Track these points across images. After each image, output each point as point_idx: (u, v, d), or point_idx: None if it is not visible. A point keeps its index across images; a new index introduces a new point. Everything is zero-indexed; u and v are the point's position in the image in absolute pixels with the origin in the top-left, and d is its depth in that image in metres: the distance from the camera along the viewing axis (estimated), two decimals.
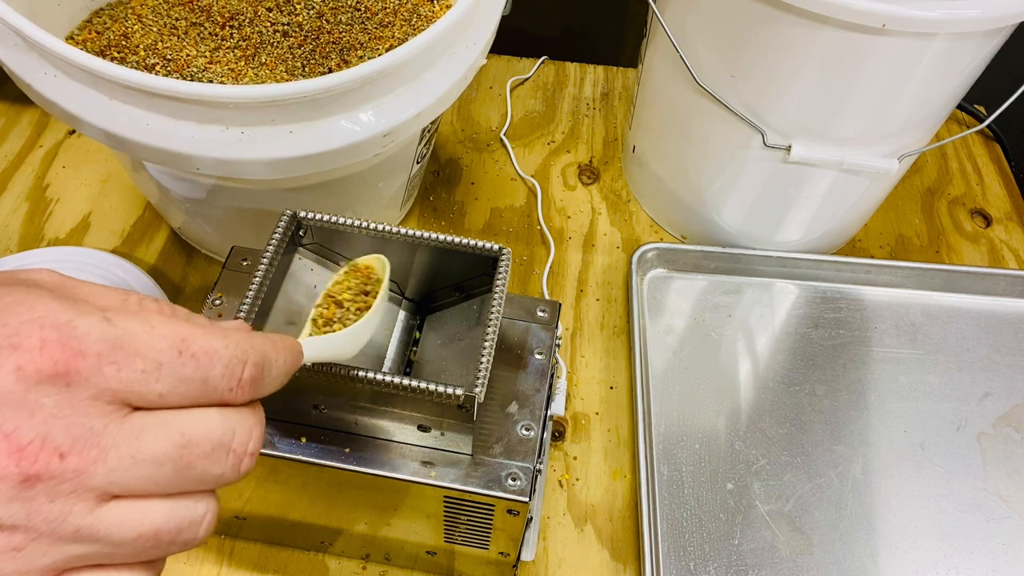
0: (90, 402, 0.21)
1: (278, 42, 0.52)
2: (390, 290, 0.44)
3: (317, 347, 0.32)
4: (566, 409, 0.57)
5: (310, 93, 0.41)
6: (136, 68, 0.50)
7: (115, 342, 0.22)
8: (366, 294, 0.35)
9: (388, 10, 0.55)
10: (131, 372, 0.22)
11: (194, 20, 0.53)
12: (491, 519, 0.40)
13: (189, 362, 0.23)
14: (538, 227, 0.68)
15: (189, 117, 0.42)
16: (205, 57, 0.51)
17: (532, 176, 0.72)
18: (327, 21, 0.54)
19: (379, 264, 0.36)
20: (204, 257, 0.63)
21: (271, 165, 0.43)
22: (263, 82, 0.50)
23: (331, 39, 0.53)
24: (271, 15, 0.54)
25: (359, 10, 0.55)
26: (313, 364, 0.34)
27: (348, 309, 0.34)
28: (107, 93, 0.42)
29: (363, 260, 0.37)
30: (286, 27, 0.53)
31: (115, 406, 0.22)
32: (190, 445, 0.23)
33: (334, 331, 0.33)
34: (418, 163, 0.59)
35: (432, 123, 0.55)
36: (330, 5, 0.55)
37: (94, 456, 0.21)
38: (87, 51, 0.51)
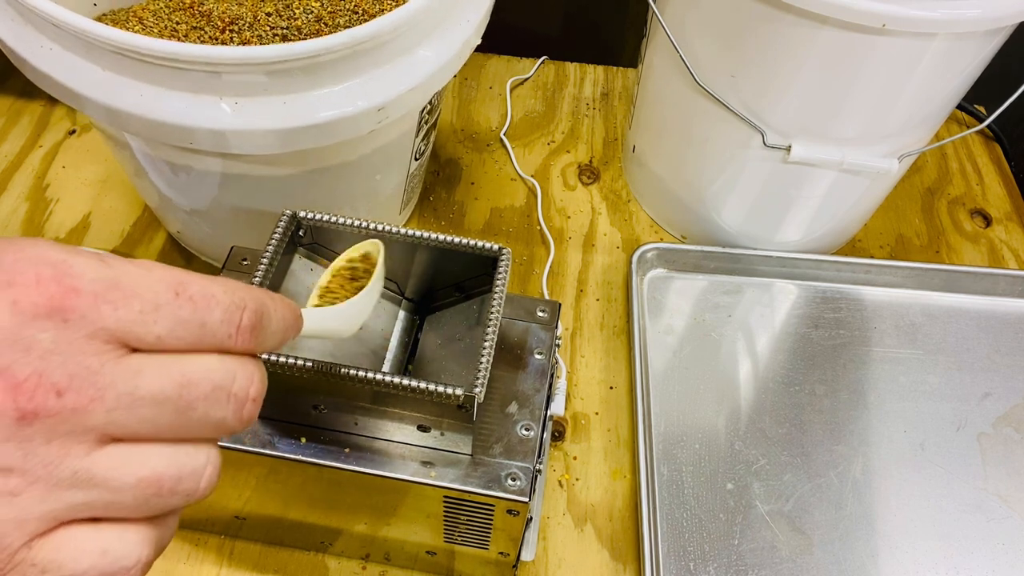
0: (87, 340, 0.20)
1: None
2: (390, 290, 0.44)
3: (316, 318, 0.32)
4: (566, 409, 0.57)
5: (301, 55, 0.41)
6: None
7: (112, 282, 0.21)
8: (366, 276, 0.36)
9: (385, 12, 0.55)
10: (128, 312, 0.21)
11: (195, 24, 0.53)
12: (491, 519, 0.40)
13: (187, 304, 0.22)
14: (538, 227, 0.68)
15: (183, 88, 0.42)
16: None
17: (532, 176, 0.72)
18: (325, 25, 0.54)
19: (375, 248, 0.36)
20: (203, 259, 0.63)
21: (265, 136, 0.43)
22: None
23: None
24: (270, 19, 0.54)
25: (356, 13, 0.55)
26: (314, 363, 0.34)
27: (348, 291, 0.35)
28: (101, 64, 0.42)
29: (360, 247, 0.37)
30: (285, 31, 0.53)
31: (112, 346, 0.21)
32: (190, 385, 0.22)
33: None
34: (416, 159, 0.59)
35: (429, 113, 0.55)
36: (328, 9, 0.55)
37: (91, 395, 0.20)
38: None
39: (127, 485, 0.21)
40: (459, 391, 0.34)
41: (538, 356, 0.43)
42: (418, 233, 0.40)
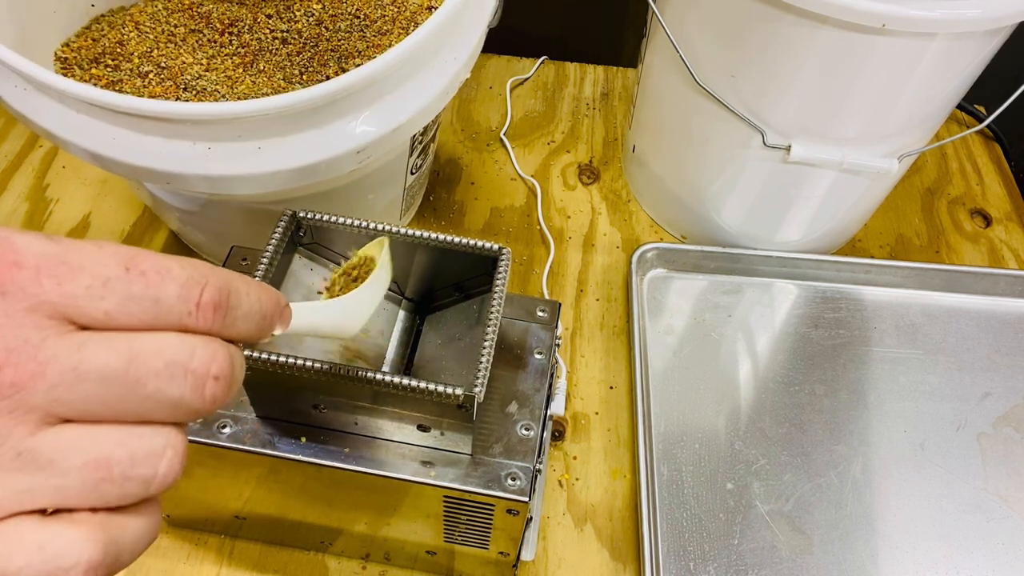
0: (26, 314, 0.19)
1: (277, 49, 0.52)
2: (390, 290, 0.44)
3: (309, 312, 0.30)
4: (566, 409, 0.57)
5: (272, 110, 0.40)
6: (129, 76, 0.50)
7: (57, 256, 0.20)
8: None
9: (387, 18, 0.54)
10: (74, 286, 0.20)
11: (193, 27, 0.53)
12: (491, 519, 0.40)
13: (138, 279, 0.21)
14: (538, 227, 0.68)
15: (155, 132, 0.41)
16: (201, 64, 0.51)
17: (532, 176, 0.72)
18: (326, 28, 0.53)
19: (378, 249, 0.36)
20: (204, 257, 0.63)
21: (240, 181, 0.43)
22: (260, 89, 0.50)
23: (329, 47, 0.52)
24: (271, 22, 0.54)
25: (358, 17, 0.54)
26: (314, 363, 0.34)
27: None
28: (73, 107, 0.42)
29: (365, 250, 0.36)
30: (285, 34, 0.53)
31: (55, 321, 0.20)
32: (138, 359, 0.20)
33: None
34: (413, 174, 0.58)
35: (423, 135, 0.55)
36: (330, 12, 0.55)
37: (32, 370, 0.19)
38: (81, 58, 0.51)
39: (74, 467, 0.20)
40: (459, 391, 0.34)
41: (538, 356, 0.43)
42: (418, 233, 0.40)
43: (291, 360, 0.34)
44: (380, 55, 0.42)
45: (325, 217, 0.40)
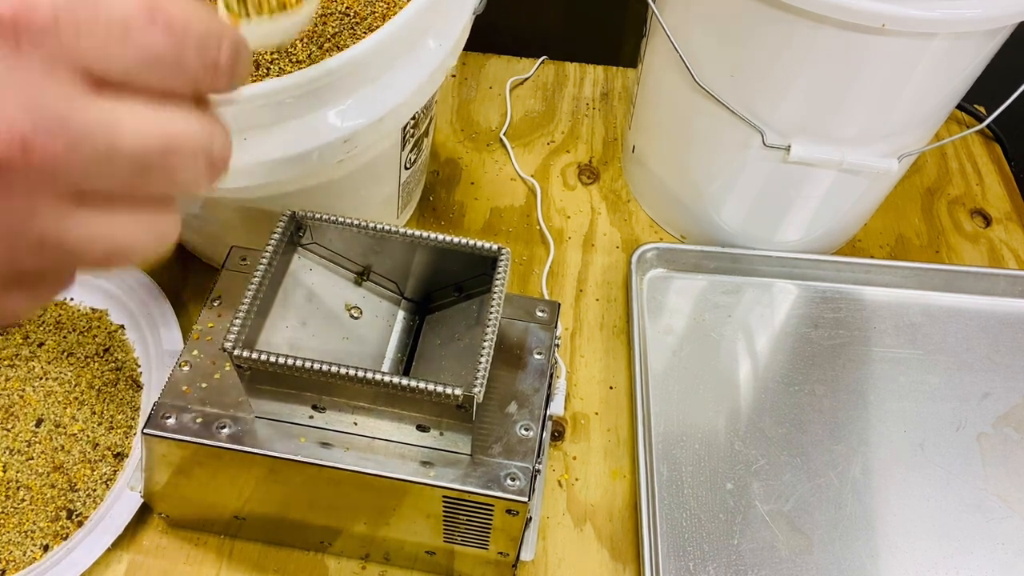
0: (47, 72, 0.18)
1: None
2: (390, 290, 0.44)
3: (257, 35, 0.31)
4: (565, 409, 0.57)
5: (254, 97, 0.39)
6: None
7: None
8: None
9: (376, 15, 0.54)
10: (93, 38, 0.18)
11: None
12: (490, 519, 0.40)
13: (161, 34, 0.20)
14: (538, 227, 0.68)
15: None
16: None
17: (532, 176, 0.72)
18: (316, 26, 0.53)
19: None
20: (202, 258, 0.63)
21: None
22: None
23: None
24: None
25: (347, 15, 0.54)
26: (314, 363, 0.34)
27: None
28: None
29: None
30: None
31: (78, 78, 0.18)
32: (174, 142, 0.21)
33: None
34: (407, 168, 0.58)
35: (415, 128, 0.54)
36: (319, 11, 0.54)
37: (64, 144, 0.18)
38: None
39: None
40: (458, 391, 0.34)
41: (537, 356, 0.43)
42: (417, 233, 0.40)
43: (291, 360, 0.34)
44: (361, 40, 0.42)
45: (325, 217, 0.40)
